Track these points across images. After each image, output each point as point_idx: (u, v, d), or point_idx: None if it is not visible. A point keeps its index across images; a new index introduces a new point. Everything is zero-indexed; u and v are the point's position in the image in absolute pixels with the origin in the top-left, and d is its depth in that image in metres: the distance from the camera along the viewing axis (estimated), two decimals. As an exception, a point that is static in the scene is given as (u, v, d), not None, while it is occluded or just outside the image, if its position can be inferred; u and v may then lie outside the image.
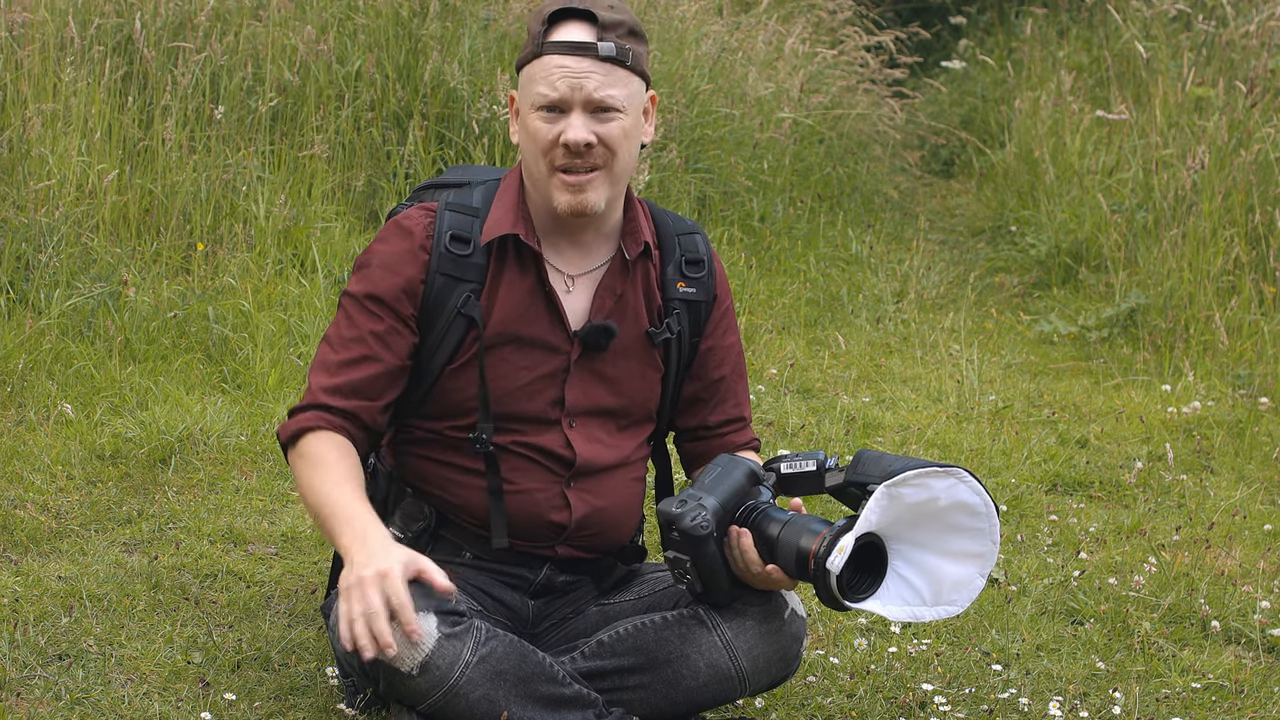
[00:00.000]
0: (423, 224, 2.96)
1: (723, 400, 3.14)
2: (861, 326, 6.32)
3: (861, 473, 2.81)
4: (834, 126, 8.29)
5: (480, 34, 6.69)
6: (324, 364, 2.94)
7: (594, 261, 3.02)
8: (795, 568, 2.80)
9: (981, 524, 2.79)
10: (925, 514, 2.77)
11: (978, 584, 2.81)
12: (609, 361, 3.00)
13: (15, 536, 3.67)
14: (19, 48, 5.58)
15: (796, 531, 2.79)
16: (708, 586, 2.88)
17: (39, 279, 4.94)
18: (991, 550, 2.79)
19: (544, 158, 2.90)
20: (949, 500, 2.77)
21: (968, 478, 2.77)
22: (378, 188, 6.15)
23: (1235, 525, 4.25)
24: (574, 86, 2.86)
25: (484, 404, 2.94)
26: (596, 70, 2.87)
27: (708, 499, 2.84)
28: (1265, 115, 6.63)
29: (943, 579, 2.80)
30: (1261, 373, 5.52)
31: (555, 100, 2.87)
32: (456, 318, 2.93)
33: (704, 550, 2.83)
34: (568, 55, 2.86)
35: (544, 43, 2.88)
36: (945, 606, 2.80)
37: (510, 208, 2.97)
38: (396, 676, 2.73)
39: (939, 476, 2.75)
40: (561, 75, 2.86)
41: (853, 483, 2.83)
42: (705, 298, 3.09)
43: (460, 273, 2.94)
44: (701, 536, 2.81)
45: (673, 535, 2.84)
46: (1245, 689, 3.30)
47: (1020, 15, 10.11)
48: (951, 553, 2.80)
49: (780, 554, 2.81)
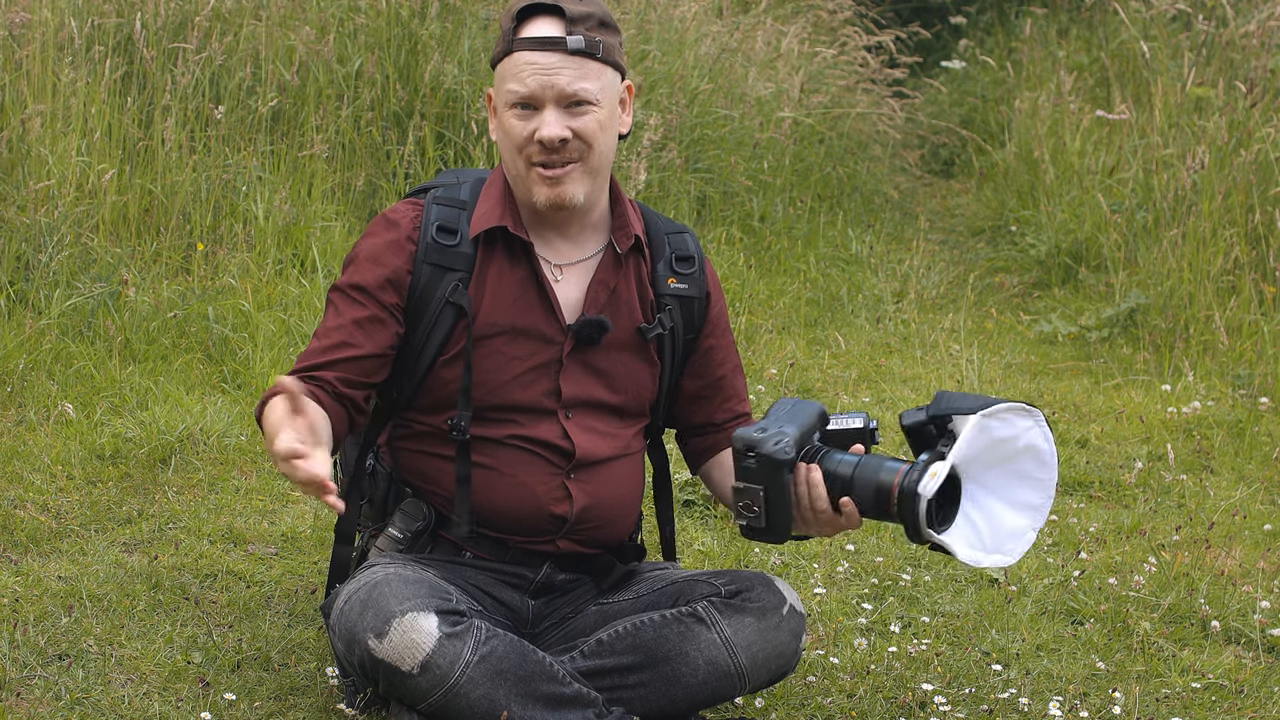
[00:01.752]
0: (409, 216, 2.98)
1: (727, 398, 3.16)
2: (861, 326, 6.32)
3: (946, 406, 2.78)
4: (834, 126, 8.30)
5: (480, 34, 6.69)
6: (307, 351, 2.97)
7: (583, 253, 3.03)
8: (874, 502, 2.75)
9: (1045, 474, 2.78)
10: (1001, 455, 2.76)
11: (1030, 537, 2.79)
12: (603, 355, 3.01)
13: (15, 536, 3.67)
14: (19, 48, 5.58)
15: (874, 467, 2.76)
16: (773, 520, 2.81)
17: (39, 279, 4.94)
18: (1047, 504, 2.79)
19: (520, 154, 2.92)
20: (1025, 442, 2.76)
21: (1044, 423, 2.77)
22: (378, 188, 6.15)
23: (1235, 525, 4.25)
24: (544, 84, 2.87)
25: (465, 392, 2.94)
26: (567, 65, 2.88)
27: (788, 427, 2.80)
28: (1265, 115, 6.63)
29: (1002, 526, 2.78)
30: (1261, 373, 5.52)
31: (526, 97, 2.88)
32: (445, 307, 2.94)
33: (780, 479, 2.77)
34: (537, 51, 2.88)
35: (514, 39, 2.90)
36: (1001, 555, 2.77)
37: (496, 201, 2.98)
38: (397, 676, 2.74)
39: (1023, 415, 2.75)
40: (532, 72, 2.88)
41: (935, 417, 2.79)
42: (697, 294, 3.09)
43: (447, 262, 2.95)
44: (784, 461, 2.76)
45: (748, 463, 2.78)
46: (1245, 689, 3.30)
47: (1020, 15, 10.11)
48: (1014, 501, 2.79)
49: (858, 488, 2.76)
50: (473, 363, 2.95)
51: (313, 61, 6.14)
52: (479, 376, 2.95)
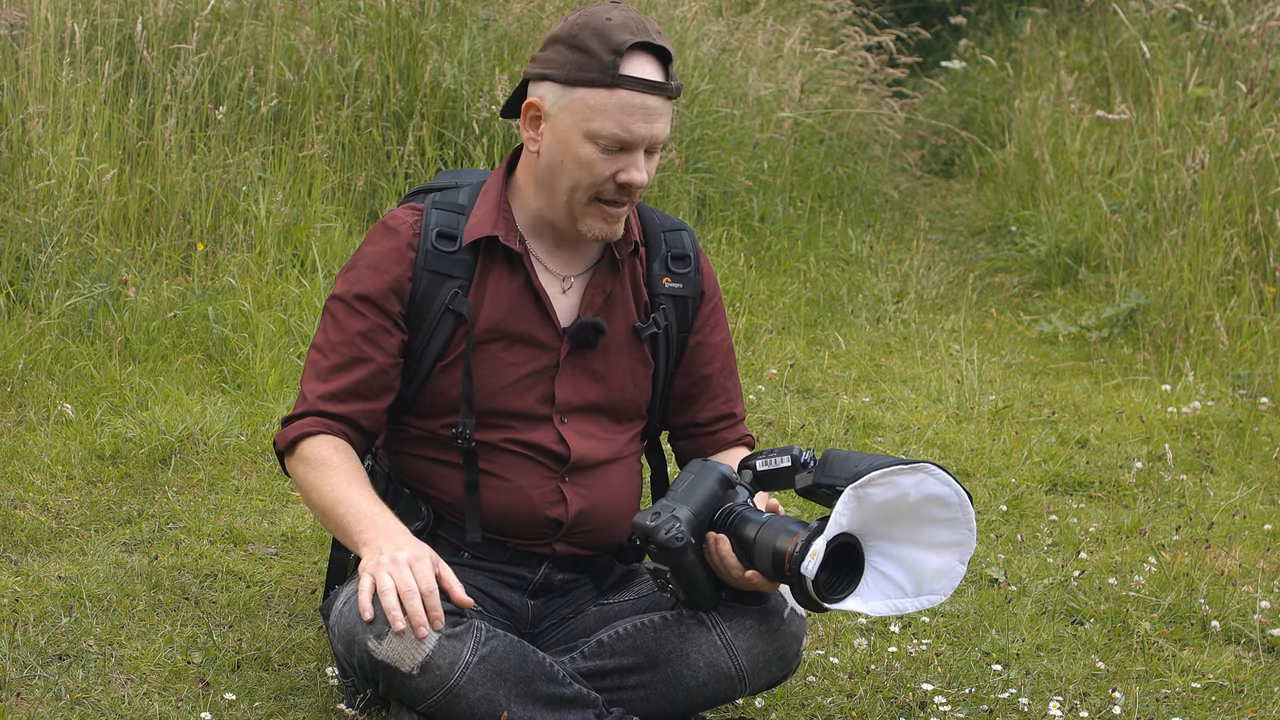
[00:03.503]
0: (409, 222, 2.96)
1: (713, 397, 3.14)
2: (861, 326, 6.32)
3: (829, 475, 2.78)
4: (834, 126, 8.30)
5: (480, 34, 6.69)
6: (315, 371, 2.94)
7: (583, 262, 3.02)
8: (773, 570, 2.78)
9: (955, 514, 2.76)
10: (897, 510, 2.74)
11: (958, 571, 2.79)
12: (599, 358, 3.01)
13: (15, 536, 3.67)
14: (19, 48, 5.58)
15: (772, 533, 2.78)
16: (691, 595, 2.88)
17: (39, 279, 4.94)
18: (969, 538, 2.77)
19: (589, 189, 2.88)
20: (919, 495, 2.74)
21: (936, 470, 2.74)
22: (378, 188, 6.15)
23: (1235, 525, 4.25)
24: (647, 132, 2.83)
25: (467, 399, 2.94)
26: (664, 111, 2.85)
27: (681, 509, 2.83)
28: (1265, 115, 6.63)
29: (923, 570, 2.78)
30: (1261, 373, 5.52)
31: (627, 141, 2.83)
32: (444, 314, 2.94)
33: (682, 561, 2.82)
34: (645, 94, 2.82)
35: (618, 75, 2.81)
36: (929, 596, 2.79)
37: (491, 209, 2.97)
38: (397, 676, 2.73)
39: (905, 473, 2.72)
40: (641, 117, 2.82)
41: (821, 484, 2.80)
42: (692, 293, 3.08)
43: (447, 269, 2.94)
44: (677, 549, 2.80)
45: (649, 549, 2.84)
46: (1245, 689, 3.30)
47: (1020, 15, 10.11)
48: (930, 544, 2.78)
49: (758, 557, 2.79)
50: (471, 372, 2.95)
51: (313, 61, 6.14)
52: (476, 382, 2.95)
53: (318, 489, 2.85)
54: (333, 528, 2.85)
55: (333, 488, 2.83)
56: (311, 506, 2.89)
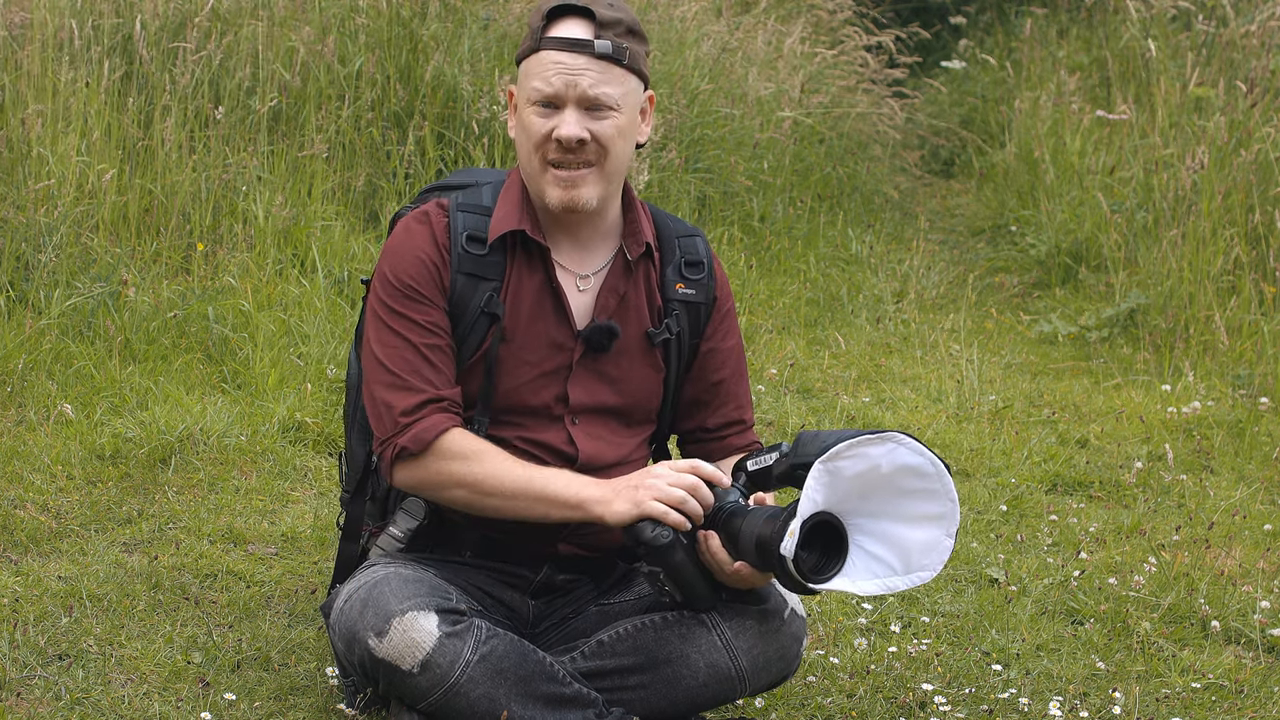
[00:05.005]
0: (441, 224, 2.96)
1: (723, 403, 3.14)
2: (861, 326, 6.32)
3: (801, 454, 2.73)
4: (834, 126, 8.30)
5: (480, 34, 6.69)
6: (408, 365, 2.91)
7: (597, 260, 3.02)
8: (757, 557, 2.75)
9: (933, 484, 2.71)
10: (872, 484, 2.70)
11: (946, 545, 2.72)
12: (612, 361, 3.01)
13: (15, 536, 3.67)
14: (19, 48, 5.58)
15: (755, 521, 2.76)
16: (687, 596, 2.87)
17: (39, 279, 4.94)
18: (951, 509, 2.72)
19: (537, 152, 2.92)
20: (891, 466, 2.70)
21: (906, 440, 2.70)
22: (378, 188, 6.15)
23: (1235, 525, 4.25)
24: (569, 83, 2.88)
25: (485, 396, 2.94)
26: (592, 67, 2.89)
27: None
28: (1265, 115, 6.63)
29: (910, 546, 2.73)
30: (1261, 373, 5.52)
31: (550, 95, 2.89)
32: (480, 317, 2.94)
33: (671, 560, 2.81)
34: (564, 51, 2.89)
35: (542, 38, 2.91)
36: (919, 573, 2.73)
37: (515, 204, 2.98)
38: (397, 675, 2.74)
39: (874, 444, 2.68)
40: (557, 71, 2.88)
41: (795, 465, 2.75)
42: (704, 299, 3.09)
43: (481, 271, 2.95)
44: (662, 546, 2.79)
45: (640, 550, 2.83)
46: (1245, 689, 3.30)
47: (1020, 15, 10.11)
48: (911, 517, 2.73)
49: (743, 547, 2.77)
50: (493, 368, 2.95)
51: (313, 61, 6.14)
52: (495, 380, 2.95)
53: (496, 476, 2.84)
54: (532, 503, 2.84)
55: (510, 469, 2.85)
56: (487, 495, 2.86)
